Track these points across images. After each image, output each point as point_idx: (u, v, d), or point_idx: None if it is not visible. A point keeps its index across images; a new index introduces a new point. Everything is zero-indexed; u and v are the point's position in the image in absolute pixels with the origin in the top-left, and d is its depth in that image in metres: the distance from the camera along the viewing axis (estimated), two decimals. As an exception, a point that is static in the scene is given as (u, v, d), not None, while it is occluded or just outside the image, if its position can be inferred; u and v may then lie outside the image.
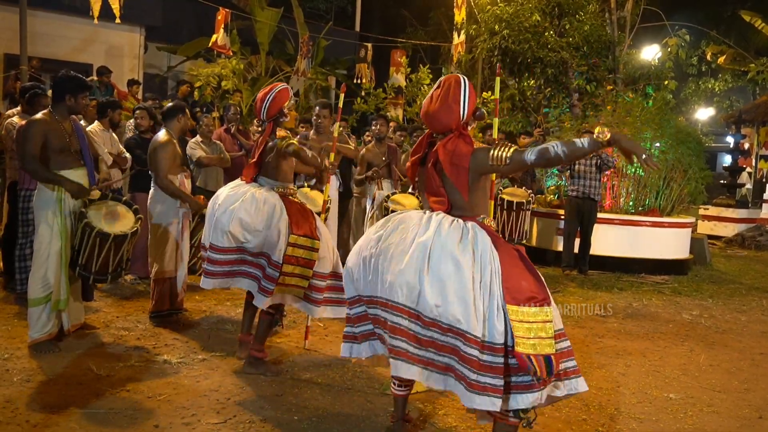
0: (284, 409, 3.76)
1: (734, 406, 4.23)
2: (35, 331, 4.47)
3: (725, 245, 13.06)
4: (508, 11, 11.94)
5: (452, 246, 2.85)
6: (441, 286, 2.79)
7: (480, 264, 2.83)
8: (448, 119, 3.07)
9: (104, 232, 4.43)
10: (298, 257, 4.24)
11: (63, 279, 4.49)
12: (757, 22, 17.55)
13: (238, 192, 4.38)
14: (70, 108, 4.54)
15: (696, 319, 6.63)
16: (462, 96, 3.06)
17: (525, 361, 2.68)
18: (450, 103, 3.06)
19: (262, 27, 13.78)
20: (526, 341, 2.70)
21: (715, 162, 24.11)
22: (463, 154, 3.02)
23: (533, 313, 2.76)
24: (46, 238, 4.44)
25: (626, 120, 9.63)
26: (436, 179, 3.10)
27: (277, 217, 4.28)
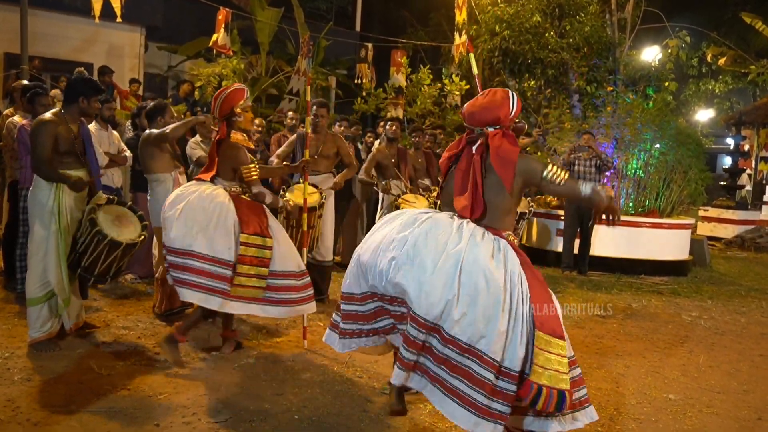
0: (284, 408, 3.76)
1: (733, 407, 4.23)
2: (35, 331, 4.48)
3: (725, 247, 13.07)
4: (508, 12, 11.95)
5: (485, 260, 2.75)
6: (470, 301, 2.67)
7: (510, 284, 2.73)
8: (497, 111, 3.06)
9: (116, 241, 4.43)
10: (252, 257, 4.24)
11: (64, 277, 4.49)
12: (757, 24, 17.55)
13: (187, 192, 4.40)
14: (82, 110, 4.55)
15: (695, 320, 6.63)
16: (510, 98, 3.10)
17: (531, 390, 2.64)
18: (499, 100, 3.09)
19: (262, 27, 13.77)
20: (543, 372, 2.66)
21: (715, 163, 24.12)
22: (512, 150, 2.99)
23: (555, 344, 2.71)
24: (41, 237, 4.43)
25: (626, 121, 9.64)
26: (477, 171, 3.02)
27: (225, 215, 4.28)
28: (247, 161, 4.49)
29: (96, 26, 11.17)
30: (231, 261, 4.24)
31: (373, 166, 6.94)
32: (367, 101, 13.04)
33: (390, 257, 2.84)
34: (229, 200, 4.38)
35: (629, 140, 9.54)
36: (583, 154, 8.57)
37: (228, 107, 4.48)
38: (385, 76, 14.30)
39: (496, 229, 2.97)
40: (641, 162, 9.61)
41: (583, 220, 8.62)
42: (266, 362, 4.56)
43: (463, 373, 2.68)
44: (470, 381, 2.66)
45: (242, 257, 4.24)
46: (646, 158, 9.62)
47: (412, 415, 3.77)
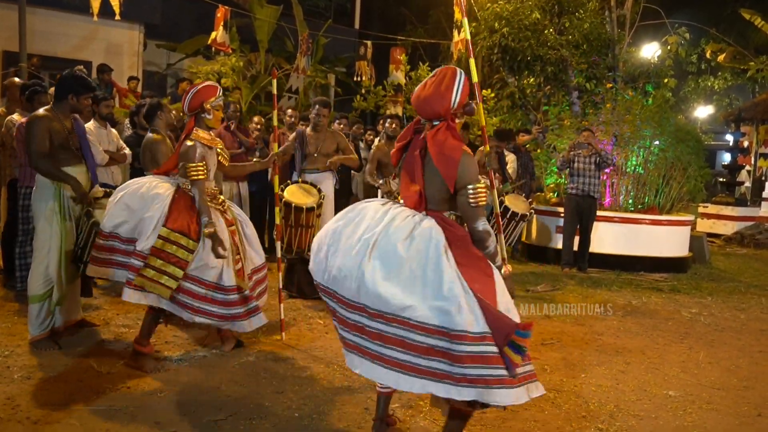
0: (285, 406, 3.77)
1: (733, 404, 4.24)
2: (35, 328, 4.49)
3: (724, 243, 13.08)
4: (507, 9, 11.93)
5: (396, 241, 2.84)
6: (382, 276, 2.79)
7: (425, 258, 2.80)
8: (438, 105, 3.01)
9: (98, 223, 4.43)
10: (169, 253, 4.13)
11: (63, 275, 4.50)
12: (756, 21, 17.54)
13: (133, 182, 4.44)
14: (72, 107, 4.55)
15: (695, 316, 6.64)
16: (455, 85, 3.01)
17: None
18: (442, 90, 3.00)
19: (261, 24, 13.76)
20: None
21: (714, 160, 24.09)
22: (455, 147, 2.96)
23: None
24: (46, 233, 4.45)
25: (626, 118, 9.63)
26: (418, 168, 3.05)
27: (157, 205, 4.23)
28: (194, 159, 4.29)
29: (94, 24, 11.15)
30: (144, 253, 4.15)
31: (375, 166, 6.93)
32: (367, 99, 13.03)
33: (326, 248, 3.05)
34: (169, 193, 4.31)
35: (629, 137, 9.53)
36: (583, 151, 8.57)
37: (197, 103, 4.39)
38: (385, 73, 14.28)
39: (435, 210, 3.02)
40: (641, 159, 9.61)
41: (582, 217, 8.62)
42: (266, 360, 4.56)
43: (397, 343, 2.77)
44: (405, 348, 2.75)
45: (157, 250, 4.13)
46: (645, 155, 9.62)
47: (413, 412, 3.77)
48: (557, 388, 4.29)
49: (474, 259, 2.90)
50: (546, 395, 4.13)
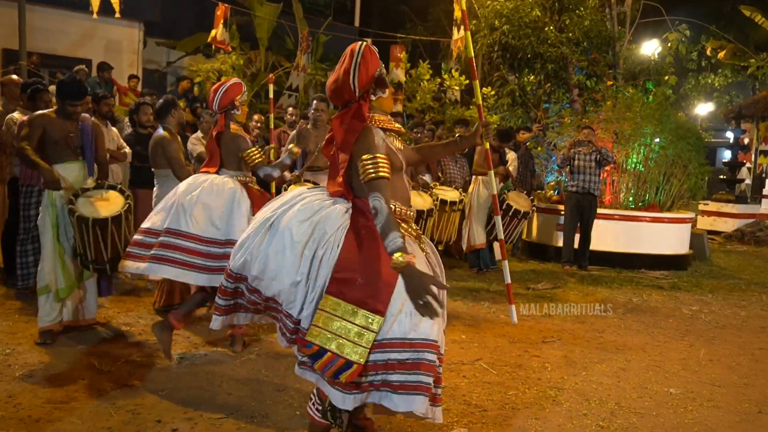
0: (286, 404, 3.77)
1: (734, 401, 4.24)
2: (41, 320, 4.59)
3: (725, 240, 13.07)
4: (508, 6, 11.92)
5: (294, 223, 2.77)
6: (266, 260, 2.80)
7: (316, 245, 2.73)
8: (341, 91, 2.85)
9: (83, 217, 4.48)
10: None
11: (58, 269, 4.59)
12: (757, 17, 17.52)
13: (197, 181, 4.44)
14: (65, 113, 4.70)
15: (696, 314, 6.64)
16: (352, 65, 2.82)
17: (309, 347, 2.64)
18: (341, 74, 2.84)
19: (261, 22, 13.75)
20: (325, 334, 2.62)
21: (714, 157, 24.10)
22: (354, 131, 2.79)
23: (351, 311, 2.62)
24: (42, 228, 4.65)
25: (626, 115, 9.63)
26: (336, 159, 2.93)
27: (237, 200, 4.34)
28: (248, 147, 4.53)
29: (94, 22, 11.16)
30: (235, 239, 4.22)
31: None
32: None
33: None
34: (240, 187, 4.45)
35: (629, 134, 9.53)
36: (583, 148, 8.57)
37: (228, 100, 4.52)
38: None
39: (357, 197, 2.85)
40: (641, 156, 9.60)
41: (583, 214, 8.62)
42: (268, 358, 4.56)
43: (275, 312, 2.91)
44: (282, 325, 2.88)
45: None
46: (645, 152, 9.62)
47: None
48: (558, 386, 4.30)
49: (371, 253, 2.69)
50: (547, 393, 4.14)
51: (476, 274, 8.05)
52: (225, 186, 4.39)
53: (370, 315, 2.61)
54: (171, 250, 4.22)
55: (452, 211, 7.63)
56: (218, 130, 4.57)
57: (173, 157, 5.20)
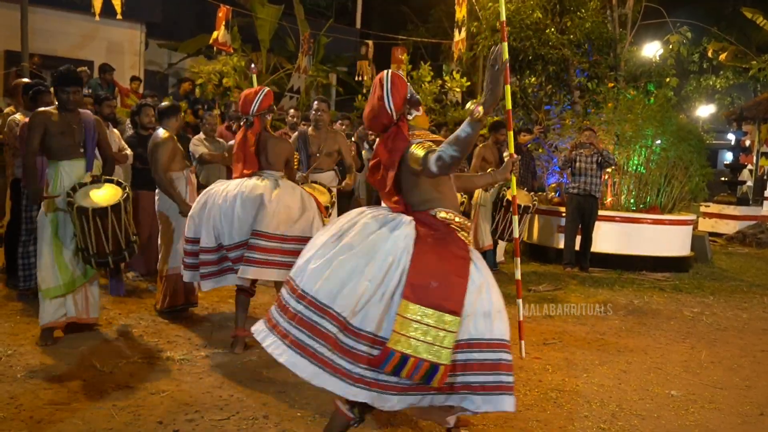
0: (287, 405, 3.77)
1: (736, 403, 4.24)
2: (41, 318, 4.60)
3: (726, 242, 13.06)
4: (509, 8, 11.90)
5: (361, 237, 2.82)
6: (327, 265, 2.77)
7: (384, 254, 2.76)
8: (379, 118, 3.02)
9: (82, 207, 4.49)
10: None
11: (53, 266, 4.60)
12: (758, 19, 17.51)
13: (255, 185, 4.55)
14: (61, 101, 4.69)
15: (697, 316, 6.63)
16: (384, 91, 2.99)
17: (391, 356, 2.63)
18: (376, 103, 3.02)
19: (262, 24, 13.77)
20: (407, 339, 2.65)
21: (716, 159, 24.06)
22: (398, 150, 2.97)
23: (429, 314, 2.67)
24: (40, 224, 4.67)
25: (627, 117, 9.62)
26: (385, 180, 3.03)
27: (306, 199, 4.64)
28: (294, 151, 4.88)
29: (96, 23, 11.16)
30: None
31: None
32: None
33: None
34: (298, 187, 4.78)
35: (630, 136, 9.52)
36: (585, 150, 8.57)
37: (267, 104, 4.74)
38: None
39: (417, 210, 2.97)
40: (642, 158, 9.59)
41: (584, 216, 8.61)
42: (269, 359, 4.51)
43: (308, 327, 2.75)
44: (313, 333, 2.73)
45: None
46: (647, 154, 9.61)
47: (408, 420, 3.77)
48: (559, 388, 4.30)
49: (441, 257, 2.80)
50: (548, 395, 4.14)
51: None
52: (294, 187, 4.70)
53: (447, 316, 2.69)
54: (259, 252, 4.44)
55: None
56: (258, 131, 4.72)
57: (158, 160, 5.25)
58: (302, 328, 2.77)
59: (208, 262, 4.56)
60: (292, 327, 2.80)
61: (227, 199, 4.49)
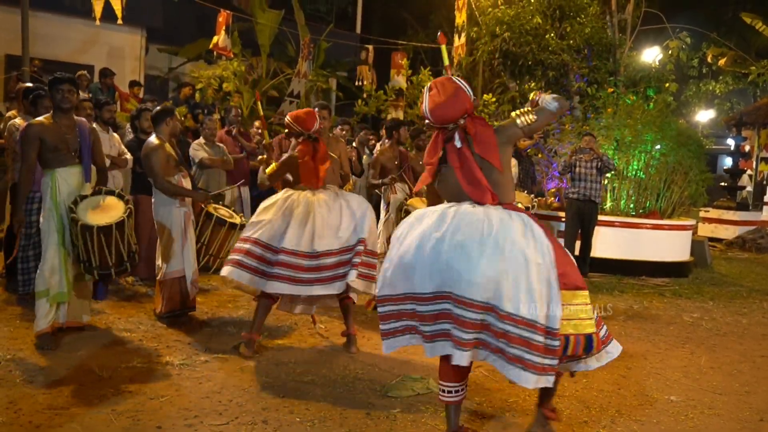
0: (286, 410, 3.77)
1: (735, 409, 4.23)
2: (38, 323, 4.60)
3: (726, 248, 13.06)
4: (509, 14, 11.95)
5: (520, 240, 3.03)
6: (515, 279, 2.95)
7: (541, 255, 3.02)
8: (461, 104, 3.24)
9: (87, 224, 4.51)
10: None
11: (61, 272, 4.60)
12: (757, 24, 17.54)
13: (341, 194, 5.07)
14: (54, 104, 4.69)
15: (697, 321, 6.63)
16: (463, 84, 3.28)
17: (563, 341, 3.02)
18: (458, 91, 3.24)
19: (263, 29, 13.78)
20: (568, 323, 3.03)
21: (715, 164, 24.12)
22: (488, 134, 3.24)
23: (579, 295, 3.11)
24: (45, 232, 4.65)
25: (627, 122, 9.63)
26: (476, 168, 3.20)
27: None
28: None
29: (96, 28, 11.17)
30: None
31: (378, 171, 6.93)
32: (368, 103, 13.04)
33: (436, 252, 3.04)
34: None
35: (630, 141, 9.53)
36: (584, 155, 8.57)
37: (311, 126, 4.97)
38: (386, 77, 14.31)
39: (510, 203, 3.24)
40: (642, 163, 9.61)
41: (583, 221, 8.62)
42: (268, 364, 4.56)
43: (521, 342, 2.94)
44: (528, 347, 2.93)
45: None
46: (646, 159, 9.62)
47: (415, 417, 3.77)
48: (559, 393, 4.28)
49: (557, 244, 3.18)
50: (548, 400, 4.13)
51: None
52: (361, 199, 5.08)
53: (580, 293, 3.13)
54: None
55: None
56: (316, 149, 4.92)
57: (152, 168, 5.27)
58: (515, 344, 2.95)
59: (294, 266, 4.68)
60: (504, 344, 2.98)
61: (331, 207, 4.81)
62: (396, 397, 4.03)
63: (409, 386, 4.18)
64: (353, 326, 5.01)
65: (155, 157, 5.25)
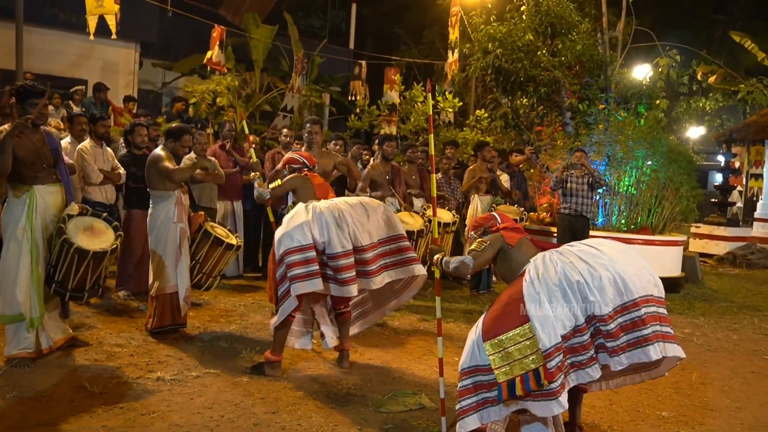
0: (278, 426, 3.75)
1: (726, 425, 4.25)
2: (10, 347, 4.48)
3: (717, 263, 13.12)
4: (501, 31, 12.04)
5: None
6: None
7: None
8: None
9: (83, 249, 4.41)
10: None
11: (34, 296, 4.43)
12: (746, 43, 17.76)
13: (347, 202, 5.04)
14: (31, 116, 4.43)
15: (688, 337, 6.65)
16: None
17: None
18: None
19: (256, 44, 13.85)
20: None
21: (706, 180, 24.23)
22: None
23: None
24: (14, 255, 4.39)
25: (618, 139, 9.70)
26: None
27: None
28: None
29: (91, 43, 11.19)
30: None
31: (368, 185, 6.97)
32: (361, 118, 13.09)
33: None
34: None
35: (621, 157, 9.60)
36: (576, 171, 8.61)
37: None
38: (379, 93, 14.39)
39: None
40: (633, 179, 9.66)
41: (575, 236, 8.63)
42: (260, 379, 4.55)
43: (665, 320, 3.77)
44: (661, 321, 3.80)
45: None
46: (638, 175, 9.68)
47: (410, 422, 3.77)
48: (551, 409, 4.28)
49: None
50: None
51: (471, 296, 8.05)
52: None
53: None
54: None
55: (446, 233, 7.65)
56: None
57: (165, 170, 5.33)
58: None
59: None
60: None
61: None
62: (388, 413, 4.02)
63: (401, 401, 4.18)
64: (348, 341, 5.01)
65: (162, 162, 5.33)
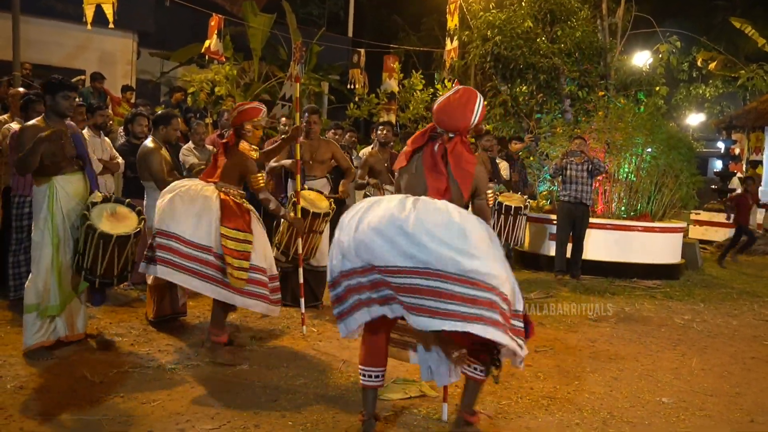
0: (278, 414, 3.76)
1: (726, 410, 4.26)
2: (28, 338, 4.47)
3: (716, 250, 13.11)
4: (500, 18, 11.99)
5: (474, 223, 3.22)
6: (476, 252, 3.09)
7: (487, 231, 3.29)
8: (460, 122, 3.42)
9: (107, 234, 4.41)
10: (233, 249, 4.49)
11: (54, 285, 4.46)
12: (747, 29, 17.70)
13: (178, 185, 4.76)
14: (54, 110, 4.49)
15: (688, 323, 6.66)
16: (476, 108, 3.44)
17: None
18: (466, 111, 3.41)
19: (255, 33, 13.80)
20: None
21: (706, 167, 24.21)
22: (470, 162, 3.40)
23: None
24: (38, 244, 4.45)
25: (618, 126, 9.68)
26: (443, 170, 3.37)
27: (207, 207, 4.58)
28: (255, 171, 4.85)
29: (88, 33, 11.13)
30: (211, 246, 4.50)
31: (366, 172, 6.97)
32: (360, 107, 13.06)
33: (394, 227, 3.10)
34: (216, 196, 4.65)
35: (621, 145, 9.58)
36: (575, 158, 8.60)
37: (239, 120, 4.83)
38: (378, 81, 14.34)
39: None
40: (633, 166, 9.65)
41: (575, 224, 8.64)
42: (260, 368, 4.56)
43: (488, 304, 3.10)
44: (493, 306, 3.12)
45: (225, 248, 4.48)
46: (637, 162, 9.67)
47: (407, 419, 3.78)
48: (550, 396, 4.30)
49: None
50: (539, 402, 4.15)
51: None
52: (200, 192, 4.65)
53: None
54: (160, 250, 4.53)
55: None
56: (226, 141, 4.87)
57: (154, 172, 5.37)
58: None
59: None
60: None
61: None
62: (388, 400, 4.03)
63: (401, 389, 4.19)
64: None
65: (152, 158, 5.34)
